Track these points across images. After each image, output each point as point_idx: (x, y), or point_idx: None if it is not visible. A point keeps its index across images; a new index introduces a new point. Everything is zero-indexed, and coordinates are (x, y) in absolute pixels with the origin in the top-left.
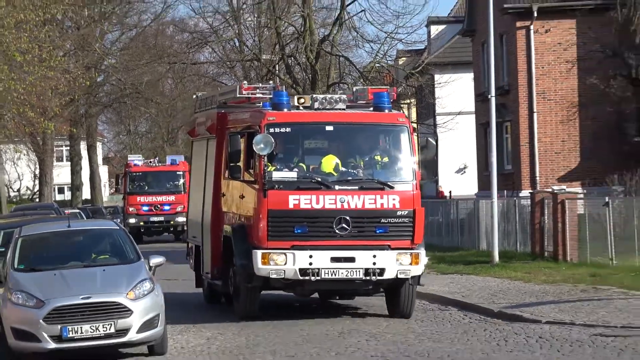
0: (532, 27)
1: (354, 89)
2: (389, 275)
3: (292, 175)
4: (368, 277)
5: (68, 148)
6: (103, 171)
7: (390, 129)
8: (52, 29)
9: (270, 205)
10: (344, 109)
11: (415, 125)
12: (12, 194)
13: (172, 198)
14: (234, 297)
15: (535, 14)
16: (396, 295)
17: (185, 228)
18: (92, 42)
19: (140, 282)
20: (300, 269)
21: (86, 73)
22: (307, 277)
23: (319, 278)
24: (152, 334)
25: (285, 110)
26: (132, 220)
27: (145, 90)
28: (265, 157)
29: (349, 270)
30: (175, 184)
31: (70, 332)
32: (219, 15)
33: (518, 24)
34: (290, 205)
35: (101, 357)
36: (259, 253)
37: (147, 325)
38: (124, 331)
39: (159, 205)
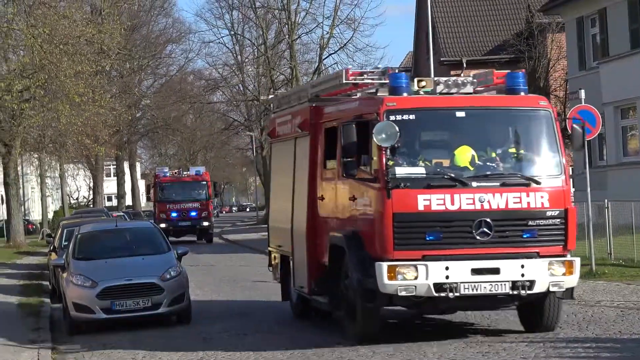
0: (462, 75)
1: (472, 74)
2: (539, 288)
3: (419, 170)
4: (516, 292)
5: (115, 166)
6: (141, 184)
7: (532, 114)
8: (102, 77)
9: (396, 207)
10: (472, 93)
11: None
12: (72, 201)
13: (197, 205)
14: (345, 315)
15: (465, 65)
16: (539, 308)
17: (210, 231)
18: (132, 87)
19: (170, 267)
20: (434, 284)
21: (128, 110)
22: (442, 294)
23: (457, 294)
24: (179, 307)
25: (405, 94)
26: (162, 225)
27: (172, 123)
28: (388, 150)
29: (493, 284)
30: (200, 192)
31: (117, 306)
32: (227, 67)
33: (452, 72)
34: (420, 207)
35: (141, 325)
36: (384, 266)
37: (176, 300)
38: (158, 305)
39: (185, 212)
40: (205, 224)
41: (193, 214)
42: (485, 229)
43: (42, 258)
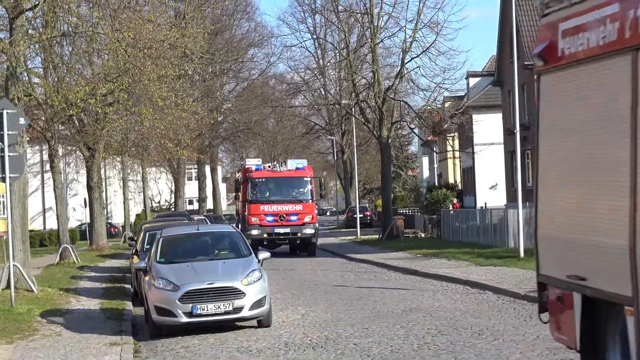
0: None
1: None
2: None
3: None
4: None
5: (196, 170)
6: (222, 188)
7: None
8: (184, 81)
9: None
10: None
11: (457, 152)
12: (153, 204)
13: (299, 207)
14: None
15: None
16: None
17: (314, 240)
18: (214, 91)
19: (252, 271)
20: None
21: (210, 114)
22: None
23: None
24: (260, 311)
25: None
26: (254, 232)
27: (254, 127)
28: None
29: None
30: (302, 191)
31: (199, 310)
32: (309, 71)
33: (535, 76)
34: None
35: (222, 328)
36: None
37: (257, 304)
38: (239, 309)
39: (284, 216)
40: (308, 231)
41: (293, 218)
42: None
43: (124, 261)
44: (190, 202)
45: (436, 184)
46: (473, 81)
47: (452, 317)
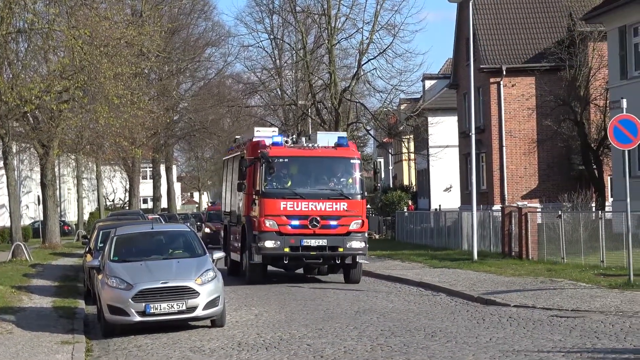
0: (502, 82)
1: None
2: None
3: None
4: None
5: (151, 169)
6: (177, 187)
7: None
8: (140, 79)
9: None
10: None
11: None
12: (108, 203)
13: (342, 206)
14: None
15: (504, 73)
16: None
17: (360, 259)
18: (171, 90)
19: (206, 271)
20: None
21: (166, 113)
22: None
23: None
24: (214, 311)
25: None
26: (269, 244)
27: (210, 126)
28: None
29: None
30: (347, 180)
31: (152, 309)
32: (265, 71)
33: (491, 80)
34: None
35: (175, 328)
36: None
37: (210, 304)
38: (192, 308)
39: (318, 219)
40: (356, 245)
41: (333, 223)
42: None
43: (77, 259)
44: (145, 201)
45: (391, 185)
46: (429, 83)
47: (405, 318)
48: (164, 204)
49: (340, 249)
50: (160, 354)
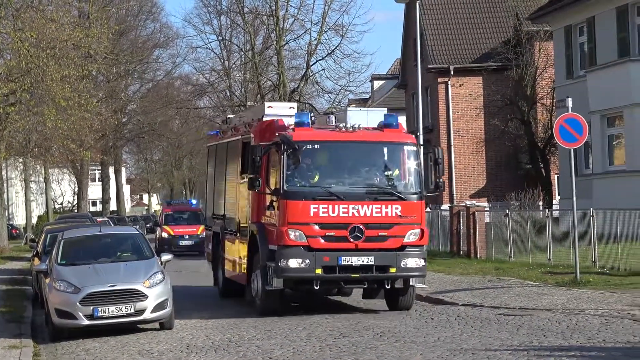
0: (449, 82)
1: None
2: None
3: None
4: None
5: (100, 171)
6: (126, 189)
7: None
8: (88, 82)
9: None
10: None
11: None
12: (56, 206)
13: (395, 210)
14: None
15: (452, 73)
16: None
17: (414, 282)
18: (119, 92)
19: (154, 273)
20: None
21: (114, 115)
22: None
23: None
24: (162, 314)
25: None
26: (294, 264)
27: (159, 128)
28: None
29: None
30: (399, 173)
31: (100, 312)
32: (214, 72)
33: (439, 79)
34: None
35: (123, 331)
36: None
37: (159, 306)
38: (141, 311)
39: (362, 228)
40: (414, 264)
41: (382, 234)
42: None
43: (25, 263)
44: (94, 204)
45: None
46: (377, 84)
47: (353, 318)
48: (113, 206)
49: (392, 270)
50: (109, 358)
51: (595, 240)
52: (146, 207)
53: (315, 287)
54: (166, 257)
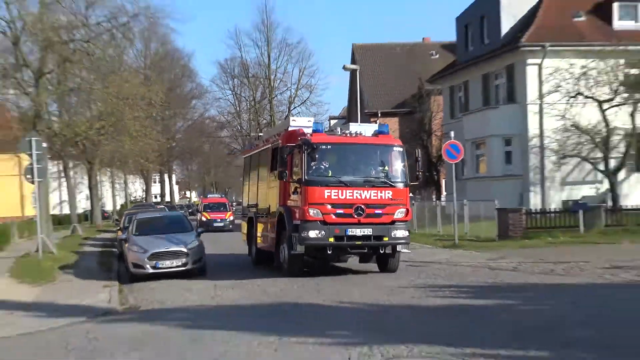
0: (377, 121)
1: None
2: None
3: None
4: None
5: (158, 176)
6: (175, 188)
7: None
8: (150, 120)
9: None
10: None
11: None
12: (131, 198)
13: (388, 194)
14: None
15: (379, 115)
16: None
17: (401, 248)
18: (170, 127)
19: (192, 241)
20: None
21: (167, 142)
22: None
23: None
24: (198, 266)
25: None
26: (313, 234)
27: (195, 150)
28: None
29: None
30: (392, 168)
31: (160, 265)
32: (230, 114)
33: (371, 119)
34: None
35: (174, 276)
36: None
37: (196, 261)
38: (185, 264)
39: (364, 208)
40: (401, 234)
41: (378, 212)
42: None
43: (112, 234)
44: (155, 197)
45: None
46: (333, 122)
47: (346, 277)
48: (167, 198)
49: (386, 238)
50: (164, 292)
51: (467, 219)
52: (188, 199)
53: (329, 252)
54: (200, 230)
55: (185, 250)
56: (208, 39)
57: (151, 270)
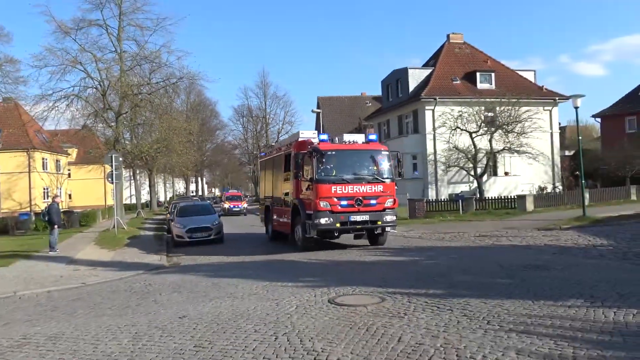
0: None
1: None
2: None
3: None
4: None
5: (194, 178)
6: (205, 186)
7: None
8: (190, 143)
9: None
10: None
11: None
12: (176, 193)
13: (379, 188)
14: None
15: None
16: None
17: (389, 229)
18: (202, 147)
19: (215, 220)
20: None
21: (200, 157)
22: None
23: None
24: (219, 237)
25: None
26: (324, 220)
27: (218, 162)
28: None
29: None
30: (382, 167)
31: (194, 236)
32: (240, 140)
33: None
34: None
35: (203, 243)
36: None
37: (217, 233)
38: (210, 235)
39: (362, 199)
40: (390, 219)
41: (373, 202)
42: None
43: (163, 216)
44: (192, 192)
45: None
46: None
47: (346, 250)
48: (200, 193)
49: (379, 222)
50: (198, 252)
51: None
52: (213, 194)
53: (335, 235)
54: (220, 213)
55: (210, 226)
56: (227, 92)
57: (188, 240)
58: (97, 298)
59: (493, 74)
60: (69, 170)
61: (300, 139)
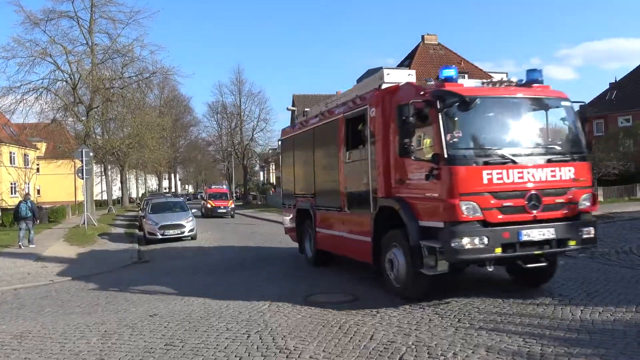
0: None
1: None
2: None
3: None
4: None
5: (167, 174)
6: (179, 182)
7: None
8: (162, 139)
9: None
10: None
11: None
12: (149, 189)
13: (568, 173)
14: None
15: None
16: None
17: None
18: (175, 144)
19: (188, 217)
20: None
21: (173, 153)
22: None
23: None
24: (192, 234)
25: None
26: (469, 243)
27: (191, 159)
28: None
29: None
30: (564, 133)
31: (167, 233)
32: (215, 136)
33: None
34: None
35: (175, 240)
36: None
37: (190, 231)
38: (182, 232)
39: (539, 196)
40: (591, 234)
41: (559, 201)
42: None
43: (136, 212)
44: (165, 189)
45: (267, 182)
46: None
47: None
48: (173, 190)
49: (572, 242)
50: (171, 249)
51: None
52: (186, 190)
53: (489, 269)
54: (194, 211)
55: (183, 223)
56: (201, 87)
57: (160, 237)
58: (66, 296)
59: (466, 76)
60: (37, 164)
61: (383, 86)
